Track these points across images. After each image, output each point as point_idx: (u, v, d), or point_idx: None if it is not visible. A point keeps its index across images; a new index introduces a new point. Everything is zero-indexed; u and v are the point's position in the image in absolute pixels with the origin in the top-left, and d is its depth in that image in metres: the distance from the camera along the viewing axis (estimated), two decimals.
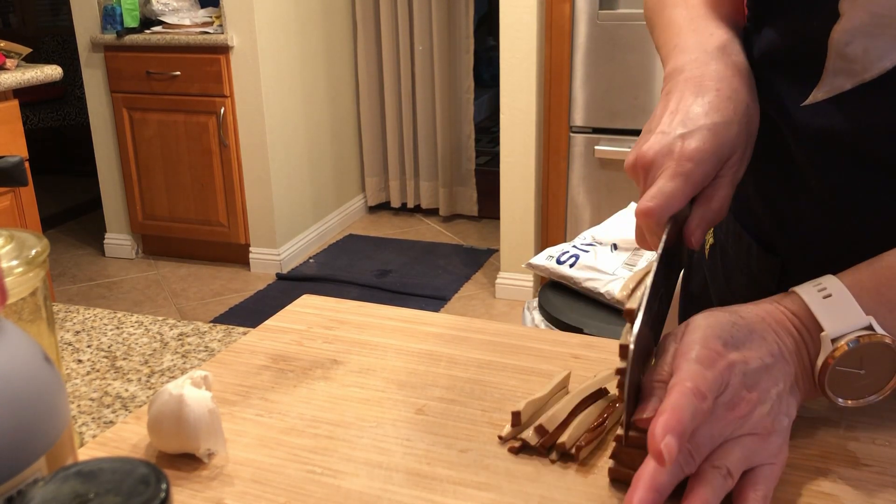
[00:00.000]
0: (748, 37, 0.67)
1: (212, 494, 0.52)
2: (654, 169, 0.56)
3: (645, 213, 0.54)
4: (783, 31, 0.62)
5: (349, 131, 4.26)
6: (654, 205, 0.53)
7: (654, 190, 0.54)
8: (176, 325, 0.86)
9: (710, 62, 0.60)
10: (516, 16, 2.94)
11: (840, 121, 0.58)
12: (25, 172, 1.00)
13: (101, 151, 3.78)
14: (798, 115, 0.61)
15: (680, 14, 0.68)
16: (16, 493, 0.33)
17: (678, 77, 0.60)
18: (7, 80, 2.29)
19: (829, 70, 0.58)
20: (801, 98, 0.60)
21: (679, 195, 0.54)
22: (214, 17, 3.54)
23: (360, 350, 0.70)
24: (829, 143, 0.59)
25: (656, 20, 0.72)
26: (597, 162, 2.97)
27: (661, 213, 0.54)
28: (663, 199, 0.54)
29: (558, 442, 0.54)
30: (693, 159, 0.54)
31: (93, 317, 0.88)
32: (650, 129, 0.58)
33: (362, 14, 4.08)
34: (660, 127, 0.57)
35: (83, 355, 0.80)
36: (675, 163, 0.55)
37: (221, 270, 3.73)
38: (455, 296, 3.40)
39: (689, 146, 0.55)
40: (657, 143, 0.56)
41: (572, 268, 1.92)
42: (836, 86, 0.57)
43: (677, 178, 0.54)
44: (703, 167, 0.55)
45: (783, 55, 0.63)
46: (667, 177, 0.54)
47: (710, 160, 0.55)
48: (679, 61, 0.62)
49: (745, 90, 0.59)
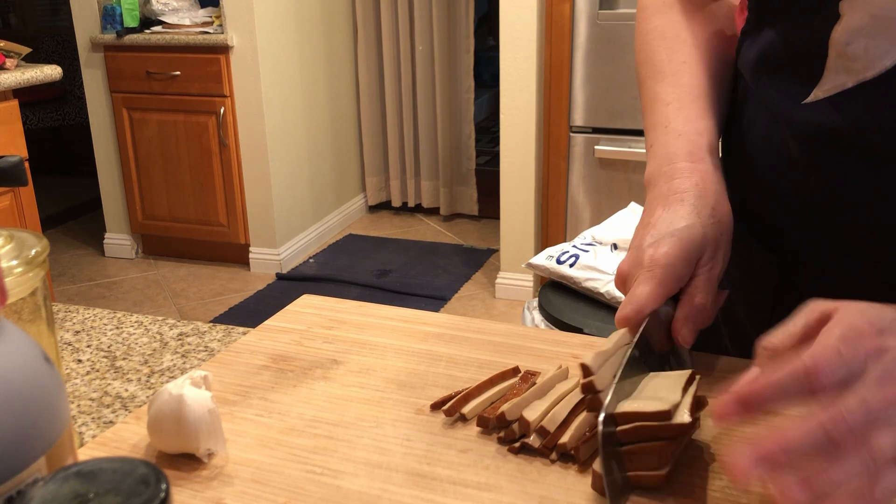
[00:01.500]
0: (745, 38, 0.69)
1: (212, 494, 0.52)
2: (630, 280, 0.61)
3: (622, 321, 0.58)
4: (784, 32, 0.64)
5: (349, 131, 4.27)
6: (629, 310, 0.58)
7: (628, 297, 0.59)
8: (176, 325, 0.86)
9: (677, 175, 0.65)
10: (516, 16, 2.94)
11: (839, 118, 0.59)
12: (25, 172, 1.00)
13: (101, 151, 3.78)
14: (797, 112, 0.62)
15: (658, 94, 0.72)
16: (16, 493, 0.33)
17: (652, 192, 0.66)
18: (7, 80, 2.29)
19: (830, 69, 0.59)
20: (801, 96, 0.61)
21: (651, 297, 0.58)
22: (214, 17, 3.54)
23: (360, 350, 0.70)
24: (829, 139, 0.61)
25: (641, 89, 0.77)
26: (597, 162, 2.97)
27: (636, 318, 0.57)
28: (637, 304, 0.58)
29: (559, 442, 0.54)
30: (660, 264, 0.59)
31: (92, 317, 0.88)
32: (631, 246, 0.64)
33: (362, 14, 4.08)
34: (634, 243, 0.63)
35: (83, 355, 0.80)
36: (645, 269, 0.59)
37: (221, 270, 3.73)
38: (455, 296, 3.40)
39: (657, 252, 0.59)
40: (630, 258, 0.62)
41: (572, 268, 1.92)
42: (837, 84, 0.59)
43: (648, 282, 0.58)
44: (672, 269, 0.59)
45: (783, 55, 0.64)
46: (638, 283, 0.59)
47: (677, 263, 0.59)
48: (651, 172, 0.68)
49: (711, 192, 0.63)
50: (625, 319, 0.58)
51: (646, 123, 0.73)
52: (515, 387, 0.60)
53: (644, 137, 0.73)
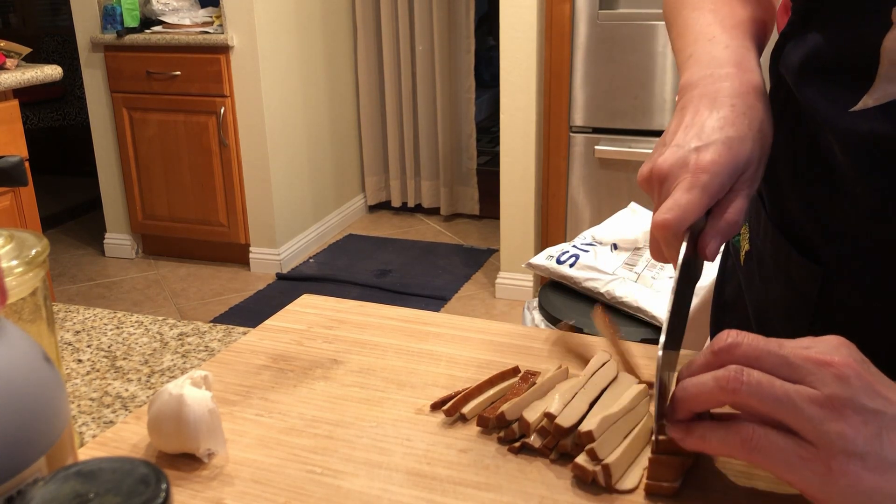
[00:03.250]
0: (789, 40, 0.65)
1: (212, 494, 0.52)
2: (670, 181, 0.56)
3: (662, 226, 0.54)
4: (831, 37, 0.61)
5: (349, 131, 4.27)
6: (672, 216, 0.54)
7: (670, 202, 0.55)
8: (176, 324, 0.86)
9: (725, 79, 0.60)
10: (516, 16, 2.94)
11: (889, 127, 0.57)
12: (25, 172, 1.00)
13: (101, 151, 3.78)
14: (844, 119, 0.59)
15: (697, 18, 0.67)
16: (16, 493, 0.33)
17: (692, 92, 0.61)
18: (7, 80, 2.29)
19: (881, 77, 0.56)
20: (848, 103, 0.58)
21: (695, 206, 0.54)
22: (214, 17, 3.54)
23: (360, 350, 0.70)
24: (876, 148, 0.58)
25: (673, 21, 0.72)
26: (597, 162, 2.97)
27: (678, 225, 0.54)
28: (680, 211, 0.54)
29: (560, 443, 0.54)
30: (708, 171, 0.55)
31: (93, 317, 0.88)
32: (664, 142, 0.59)
33: (362, 14, 4.08)
34: (675, 140, 0.58)
35: (83, 355, 0.80)
36: (690, 175, 0.55)
37: (221, 270, 3.73)
38: (455, 296, 3.40)
39: (704, 158, 0.55)
40: (672, 155, 0.57)
41: (572, 268, 1.92)
42: (888, 93, 0.56)
43: (693, 190, 0.54)
44: (718, 179, 0.55)
45: (830, 60, 0.61)
46: (683, 188, 0.55)
47: (724, 173, 0.55)
48: (693, 75, 0.62)
49: (760, 107, 0.59)
50: (666, 224, 0.54)
51: (680, 44, 0.68)
52: (515, 387, 0.60)
53: (676, 60, 0.68)
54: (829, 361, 0.45)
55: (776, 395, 0.45)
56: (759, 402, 0.46)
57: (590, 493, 0.51)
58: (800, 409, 0.45)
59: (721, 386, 0.47)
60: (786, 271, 0.69)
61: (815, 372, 0.45)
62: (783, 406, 0.45)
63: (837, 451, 0.44)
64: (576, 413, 0.55)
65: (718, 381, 0.47)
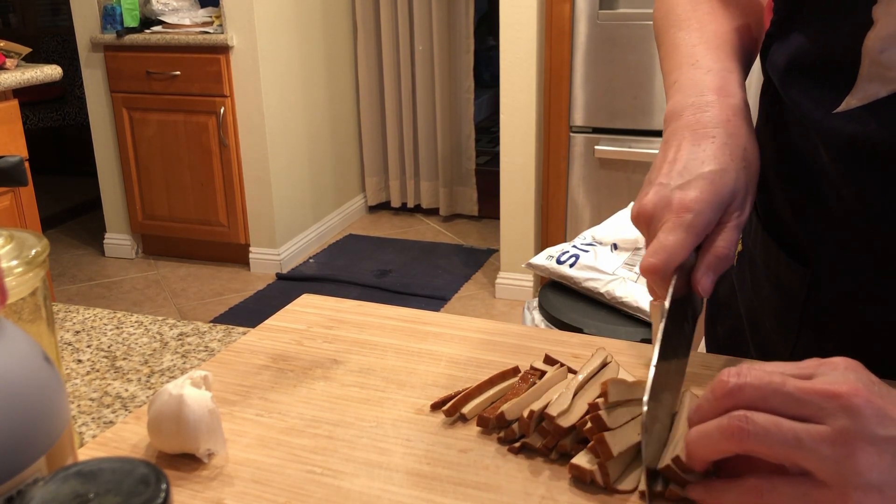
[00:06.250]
0: (774, 41, 0.65)
1: (212, 494, 0.52)
2: (654, 222, 0.56)
3: (648, 271, 0.54)
4: (813, 37, 0.60)
5: (349, 131, 4.27)
6: (657, 260, 0.54)
7: (655, 245, 0.55)
8: (176, 325, 0.86)
9: (707, 107, 0.60)
10: (516, 16, 2.94)
11: (874, 127, 0.56)
12: (25, 172, 1.00)
13: (101, 151, 3.78)
14: (829, 121, 0.59)
15: (683, 39, 0.68)
16: (16, 493, 0.33)
17: (677, 123, 0.61)
18: (7, 80, 2.29)
19: (863, 77, 0.56)
20: (832, 104, 0.58)
21: (681, 247, 0.54)
22: (214, 17, 3.54)
23: (360, 350, 0.70)
24: (862, 149, 0.57)
25: (662, 41, 0.72)
26: (597, 162, 2.97)
27: (665, 269, 0.54)
28: (665, 254, 0.54)
29: (560, 443, 0.54)
30: (692, 210, 0.55)
31: (93, 317, 0.88)
32: (650, 180, 0.59)
33: (362, 14, 4.08)
34: (658, 178, 0.58)
35: (83, 355, 0.80)
36: (674, 215, 0.55)
37: (221, 270, 3.73)
38: (455, 296, 3.40)
39: (687, 197, 0.55)
40: (655, 195, 0.57)
41: (572, 268, 1.92)
42: (870, 93, 0.56)
43: (677, 230, 0.54)
44: (702, 217, 0.55)
45: (814, 61, 0.61)
46: (667, 230, 0.55)
47: (709, 209, 0.55)
48: (677, 104, 0.62)
49: (743, 132, 0.59)
50: (652, 269, 0.54)
51: (667, 66, 0.68)
52: (515, 387, 0.60)
53: (663, 82, 0.68)
54: (836, 393, 0.44)
55: (784, 440, 0.44)
56: (767, 448, 0.44)
57: (589, 493, 0.51)
58: (810, 450, 0.43)
59: (726, 437, 0.45)
60: (775, 272, 0.69)
61: (824, 405, 0.44)
62: (792, 449, 0.43)
63: (854, 488, 0.42)
64: (576, 413, 0.55)
65: (723, 432, 0.45)
